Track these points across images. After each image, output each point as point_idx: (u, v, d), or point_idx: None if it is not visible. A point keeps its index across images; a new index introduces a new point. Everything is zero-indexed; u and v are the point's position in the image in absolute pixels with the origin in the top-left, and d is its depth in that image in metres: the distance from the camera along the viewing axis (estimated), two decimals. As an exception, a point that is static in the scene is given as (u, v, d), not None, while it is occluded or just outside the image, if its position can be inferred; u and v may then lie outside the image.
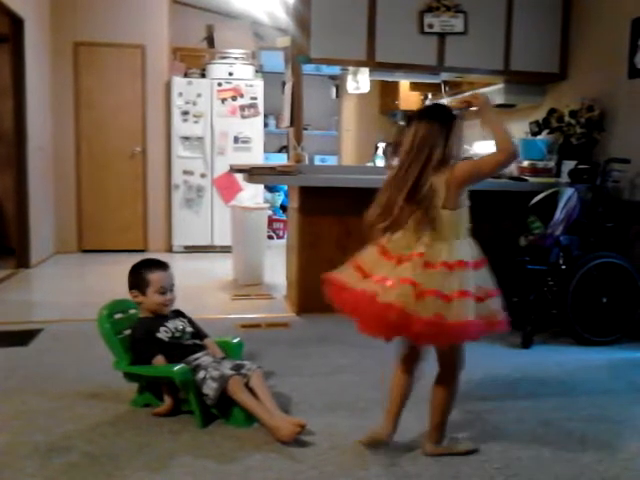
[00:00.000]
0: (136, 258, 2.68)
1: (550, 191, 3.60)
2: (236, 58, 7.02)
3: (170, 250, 6.87)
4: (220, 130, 6.86)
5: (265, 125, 7.43)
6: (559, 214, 3.45)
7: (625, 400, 2.68)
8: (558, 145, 4.26)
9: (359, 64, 4.63)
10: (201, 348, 2.52)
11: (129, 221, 6.88)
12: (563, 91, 4.60)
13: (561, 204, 3.46)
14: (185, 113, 6.78)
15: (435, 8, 4.36)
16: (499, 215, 3.96)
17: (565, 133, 4.18)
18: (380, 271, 1.94)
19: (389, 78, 5.62)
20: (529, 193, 3.76)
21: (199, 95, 6.79)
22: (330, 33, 4.25)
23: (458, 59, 4.47)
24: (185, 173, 6.84)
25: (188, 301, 2.74)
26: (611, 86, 4.09)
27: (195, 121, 6.80)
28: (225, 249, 6.41)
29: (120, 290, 2.74)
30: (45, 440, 2.15)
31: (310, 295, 4.05)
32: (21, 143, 5.55)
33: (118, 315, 2.55)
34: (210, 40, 7.41)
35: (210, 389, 2.27)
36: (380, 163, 5.71)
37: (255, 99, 6.92)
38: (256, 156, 6.90)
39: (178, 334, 2.50)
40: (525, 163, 4.29)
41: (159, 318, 2.52)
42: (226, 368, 2.35)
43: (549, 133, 4.39)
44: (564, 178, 3.99)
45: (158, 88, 6.87)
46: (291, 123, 4.43)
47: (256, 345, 3.24)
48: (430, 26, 4.37)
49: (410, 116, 2.03)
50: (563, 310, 3.49)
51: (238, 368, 2.36)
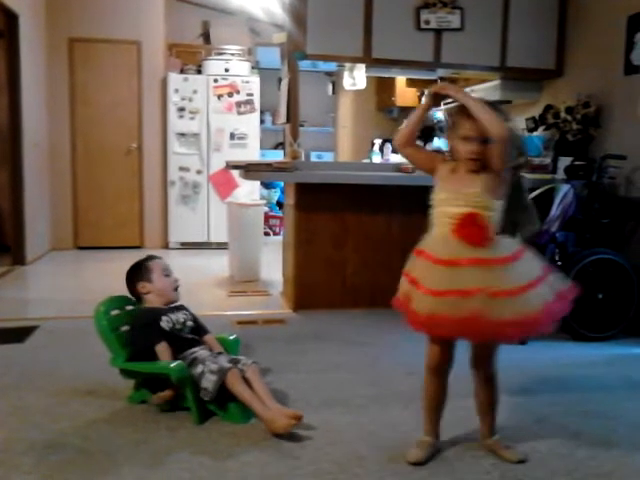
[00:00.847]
0: (132, 254, 2.69)
1: (546, 187, 3.60)
2: (232, 54, 7.01)
3: (166, 246, 6.87)
4: (216, 126, 6.85)
5: (261, 121, 7.43)
6: (555, 210, 3.46)
7: (620, 396, 2.69)
8: (554, 141, 4.27)
9: (355, 60, 4.63)
10: (198, 343, 2.52)
11: (125, 218, 6.87)
12: (559, 87, 4.60)
13: (557, 200, 3.47)
14: (181, 109, 6.77)
15: (432, 4, 4.35)
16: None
17: (561, 129, 4.18)
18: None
19: (385, 74, 5.61)
20: (525, 189, 3.76)
21: (195, 91, 6.78)
22: (326, 29, 4.24)
23: (454, 55, 4.47)
24: (181, 169, 6.84)
25: (184, 297, 2.73)
26: (607, 83, 4.09)
27: (191, 117, 6.79)
28: (221, 246, 6.40)
29: (116, 287, 2.73)
30: (41, 437, 2.15)
31: (306, 292, 4.05)
32: (16, 139, 5.53)
33: (115, 312, 2.54)
34: (206, 36, 7.40)
35: (209, 382, 2.27)
36: (376, 159, 5.70)
37: (251, 95, 6.91)
38: (252, 152, 6.90)
39: (179, 326, 2.52)
40: (521, 159, 4.29)
41: (163, 308, 2.53)
42: (224, 361, 2.36)
43: (545, 129, 4.40)
44: (560, 174, 3.99)
45: (154, 84, 6.86)
46: (287, 119, 4.42)
47: (252, 342, 3.24)
48: (426, 22, 4.37)
49: None
50: (559, 306, 3.50)
51: (235, 362, 2.37)
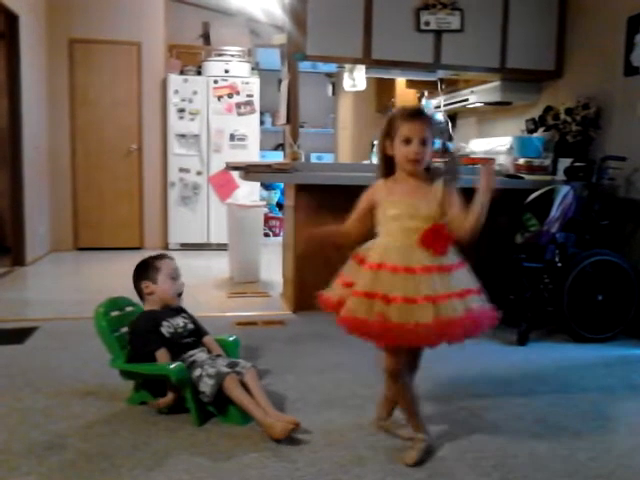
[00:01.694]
0: (132, 255, 2.68)
1: (546, 189, 3.60)
2: (232, 55, 7.01)
3: (166, 248, 6.86)
4: (216, 127, 6.85)
5: (261, 122, 7.43)
6: (555, 212, 3.46)
7: (620, 397, 2.69)
8: (554, 143, 4.27)
9: (355, 61, 4.63)
10: (197, 346, 2.52)
11: (125, 219, 6.87)
12: (559, 89, 4.60)
13: (557, 202, 3.47)
14: (181, 110, 6.77)
15: (431, 5, 4.35)
16: (495, 212, 3.96)
17: (561, 131, 4.18)
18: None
19: (385, 75, 5.62)
20: (525, 191, 3.76)
21: (195, 92, 6.78)
22: (326, 30, 4.24)
23: (454, 57, 4.47)
24: (181, 171, 6.84)
25: (184, 299, 2.73)
26: (607, 84, 4.09)
27: (191, 118, 6.79)
28: (221, 247, 6.41)
29: (116, 288, 2.73)
30: (40, 438, 2.15)
31: (306, 293, 4.03)
32: (16, 141, 5.53)
33: (114, 313, 2.54)
34: (206, 37, 7.41)
35: (207, 386, 2.27)
36: (376, 160, 5.70)
37: (251, 96, 6.91)
38: (252, 154, 6.90)
39: (180, 330, 2.50)
40: (521, 161, 4.29)
41: (163, 312, 2.51)
42: (222, 366, 2.35)
43: (545, 131, 4.40)
44: (560, 176, 3.99)
45: (154, 85, 6.86)
46: (287, 121, 4.42)
47: (252, 343, 3.24)
48: (426, 23, 4.37)
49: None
50: (559, 307, 3.50)
51: (233, 366, 2.36)
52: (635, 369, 3.08)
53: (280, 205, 7.72)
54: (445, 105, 5.60)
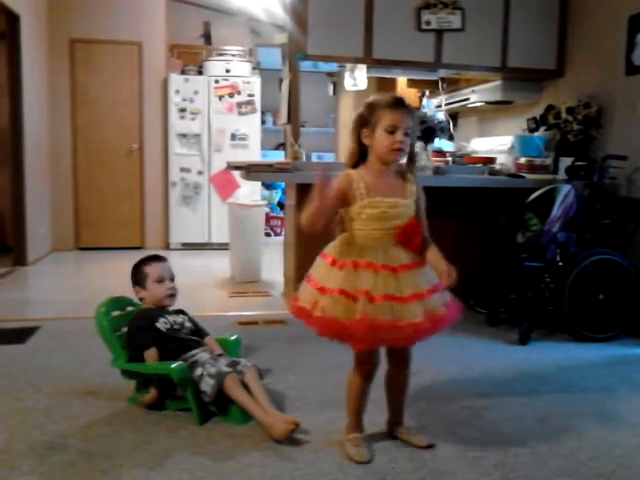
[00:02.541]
0: (133, 255, 2.68)
1: (547, 188, 3.60)
2: (233, 55, 7.01)
3: (167, 247, 6.87)
4: (217, 127, 6.85)
5: (262, 122, 7.42)
6: (556, 211, 3.45)
7: (621, 396, 2.69)
8: (555, 142, 4.26)
9: (356, 61, 4.62)
10: (198, 345, 2.52)
11: (126, 218, 6.87)
12: (560, 88, 4.60)
13: (558, 201, 3.46)
14: (182, 110, 6.77)
15: (432, 5, 4.35)
16: (496, 212, 3.96)
17: (562, 130, 4.18)
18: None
19: (386, 75, 5.61)
20: (526, 190, 3.76)
21: (196, 92, 6.78)
22: (327, 30, 4.24)
23: (456, 56, 4.46)
24: (182, 170, 6.84)
25: (185, 298, 2.73)
26: (608, 83, 4.09)
27: (192, 118, 6.79)
28: (222, 246, 6.41)
29: (117, 287, 2.73)
30: (41, 438, 2.15)
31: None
32: (17, 140, 5.54)
33: (115, 312, 2.54)
34: (207, 37, 7.40)
35: (208, 386, 2.27)
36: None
37: (252, 96, 6.91)
38: (253, 153, 6.90)
39: (177, 326, 2.52)
40: (522, 160, 4.29)
41: (161, 310, 2.54)
42: (223, 365, 2.35)
43: (546, 130, 4.39)
44: (561, 175, 3.98)
45: (155, 85, 6.86)
46: (288, 120, 4.42)
47: (253, 342, 3.24)
48: (427, 23, 4.36)
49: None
50: (560, 307, 3.50)
51: (234, 365, 2.37)
52: (636, 368, 3.08)
53: (281, 204, 7.72)
54: (446, 104, 5.60)
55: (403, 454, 2.07)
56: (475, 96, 5.15)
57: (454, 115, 5.97)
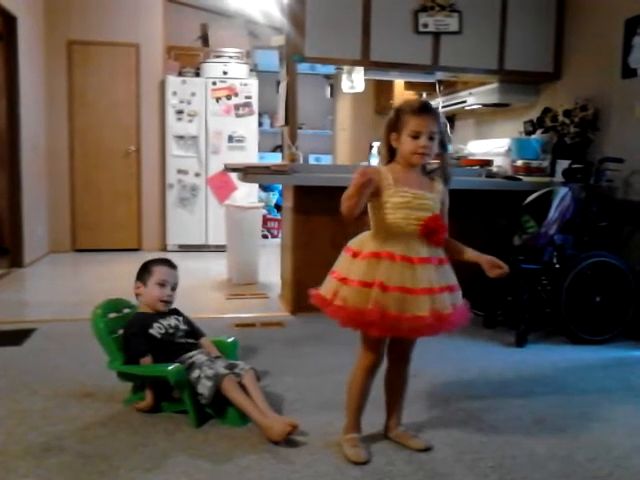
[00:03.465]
0: (130, 257, 2.68)
1: (544, 190, 3.60)
2: (230, 57, 7.01)
3: (164, 249, 6.86)
4: (214, 129, 6.85)
5: (259, 124, 7.43)
6: (553, 213, 3.46)
7: (618, 398, 2.69)
8: (552, 144, 4.28)
9: (354, 63, 4.63)
10: (195, 347, 2.52)
11: (123, 220, 6.87)
12: (557, 91, 4.61)
13: (555, 203, 3.47)
14: (179, 112, 6.77)
15: (430, 7, 4.36)
16: (493, 214, 3.97)
17: (559, 132, 4.19)
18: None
19: (384, 77, 5.62)
20: (523, 192, 3.77)
21: (193, 94, 6.79)
22: (325, 32, 4.25)
23: (453, 58, 4.48)
24: (179, 172, 6.84)
25: (182, 300, 2.73)
26: (605, 86, 4.10)
27: (189, 120, 6.80)
28: (219, 248, 6.40)
29: (114, 289, 2.73)
30: (38, 440, 2.14)
31: (305, 294, 4.00)
32: (14, 142, 5.53)
33: (112, 314, 2.54)
34: (204, 39, 7.41)
35: (205, 388, 2.26)
36: (374, 162, 5.70)
37: (249, 98, 6.92)
38: (250, 155, 6.90)
39: (171, 330, 2.51)
40: (519, 162, 4.30)
41: (155, 315, 2.53)
42: (220, 367, 2.35)
43: (543, 132, 4.41)
44: (558, 177, 3.99)
45: (152, 87, 6.86)
46: (285, 122, 4.43)
47: (250, 344, 3.24)
48: (425, 25, 4.38)
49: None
50: (557, 309, 3.50)
51: (231, 368, 2.36)
52: (633, 371, 3.08)
53: (278, 207, 7.71)
54: (443, 107, 5.61)
55: (401, 456, 2.07)
56: (472, 99, 5.16)
57: (451, 117, 5.99)
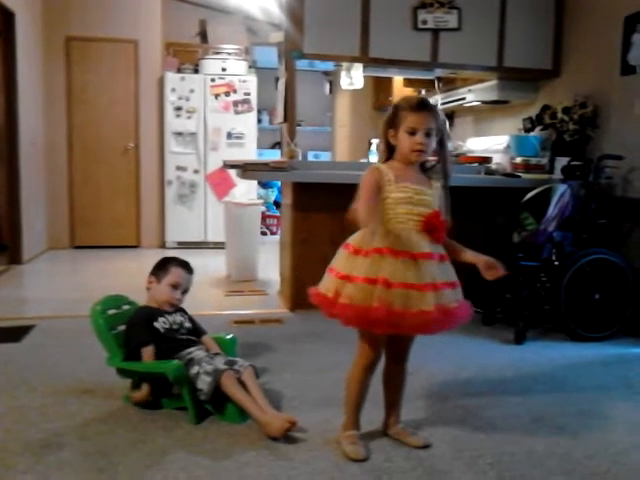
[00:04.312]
0: (129, 254, 2.68)
1: (543, 187, 3.61)
2: (229, 53, 7.00)
3: (163, 246, 6.86)
4: (213, 126, 6.84)
5: (258, 121, 7.42)
6: (552, 210, 3.46)
7: (617, 396, 2.69)
8: (551, 142, 4.27)
9: (353, 60, 4.62)
10: (195, 344, 2.52)
11: (122, 217, 6.86)
12: (556, 88, 4.61)
13: (554, 200, 3.47)
14: (178, 109, 6.76)
15: (429, 4, 4.35)
16: (492, 211, 3.97)
17: (558, 130, 4.19)
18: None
19: (383, 74, 5.61)
20: (522, 189, 3.77)
21: (192, 90, 6.77)
22: (323, 29, 4.24)
23: (452, 55, 4.47)
24: (178, 169, 6.83)
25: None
26: (604, 83, 4.10)
27: (188, 117, 6.78)
28: (218, 245, 6.40)
29: (113, 286, 2.73)
30: (37, 436, 2.14)
31: (304, 291, 4.01)
32: (13, 138, 5.52)
33: (111, 311, 2.54)
34: (203, 35, 7.39)
35: (204, 383, 2.27)
36: (373, 159, 5.70)
37: (248, 95, 6.91)
38: (249, 152, 6.89)
39: (175, 326, 2.52)
40: (518, 159, 4.30)
41: (161, 310, 2.54)
42: (219, 363, 2.35)
43: (542, 129, 4.40)
44: (557, 174, 4.00)
45: (151, 83, 6.85)
46: (284, 119, 4.42)
47: (249, 341, 3.24)
48: (424, 22, 4.37)
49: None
50: (556, 306, 3.51)
51: (231, 364, 2.36)
52: (632, 368, 3.09)
53: (277, 203, 7.71)
54: (442, 104, 5.60)
55: (399, 453, 2.08)
56: (471, 95, 5.16)
57: (450, 114, 5.98)
